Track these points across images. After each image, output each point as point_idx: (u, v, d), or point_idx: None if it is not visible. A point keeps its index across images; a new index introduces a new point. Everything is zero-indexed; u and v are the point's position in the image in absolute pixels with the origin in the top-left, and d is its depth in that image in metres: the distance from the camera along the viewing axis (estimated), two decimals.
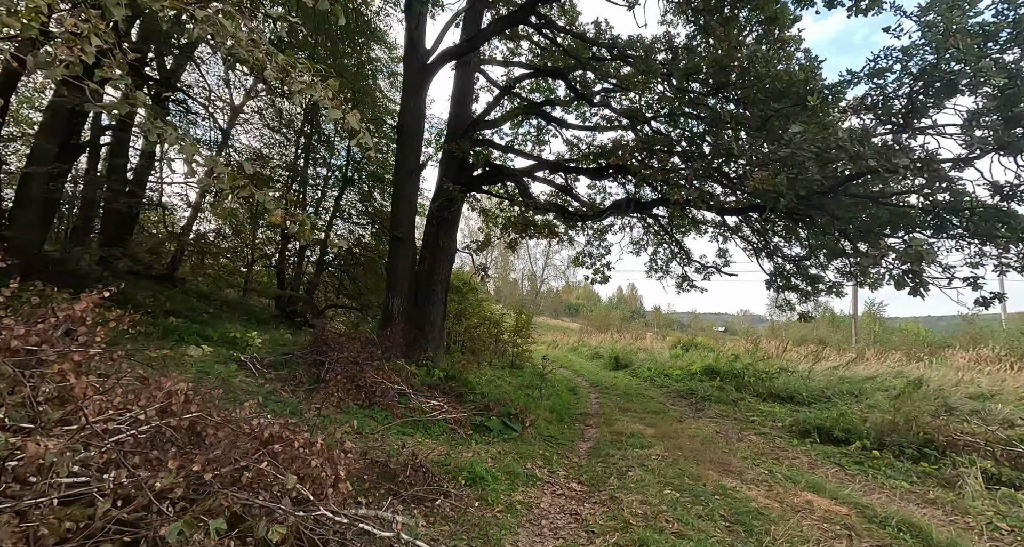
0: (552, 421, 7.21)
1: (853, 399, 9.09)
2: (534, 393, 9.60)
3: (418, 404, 6.44)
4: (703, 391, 10.03)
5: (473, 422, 6.36)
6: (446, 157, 10.16)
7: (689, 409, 8.92)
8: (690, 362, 14.53)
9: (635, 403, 9.20)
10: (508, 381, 10.86)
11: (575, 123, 12.20)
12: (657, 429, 6.83)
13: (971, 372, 13.45)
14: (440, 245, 9.83)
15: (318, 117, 16.12)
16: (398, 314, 9.14)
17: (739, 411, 8.56)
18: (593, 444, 6.17)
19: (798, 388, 9.77)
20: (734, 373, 11.60)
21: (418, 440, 5.36)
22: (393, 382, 6.74)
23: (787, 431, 7.01)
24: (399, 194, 9.32)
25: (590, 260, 15.78)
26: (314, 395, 6.02)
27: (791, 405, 9.12)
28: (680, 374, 12.72)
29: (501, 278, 56.59)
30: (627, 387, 11.49)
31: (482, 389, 8.78)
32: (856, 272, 9.15)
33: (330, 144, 16.66)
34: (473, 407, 7.27)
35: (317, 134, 16.46)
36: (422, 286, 9.79)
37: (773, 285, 11.11)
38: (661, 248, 15.35)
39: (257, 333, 8.04)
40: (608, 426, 7.03)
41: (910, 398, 8.47)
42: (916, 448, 5.56)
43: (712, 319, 70.90)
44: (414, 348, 9.25)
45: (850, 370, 11.96)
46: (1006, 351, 18.26)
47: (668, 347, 19.64)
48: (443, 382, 8.32)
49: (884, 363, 14.32)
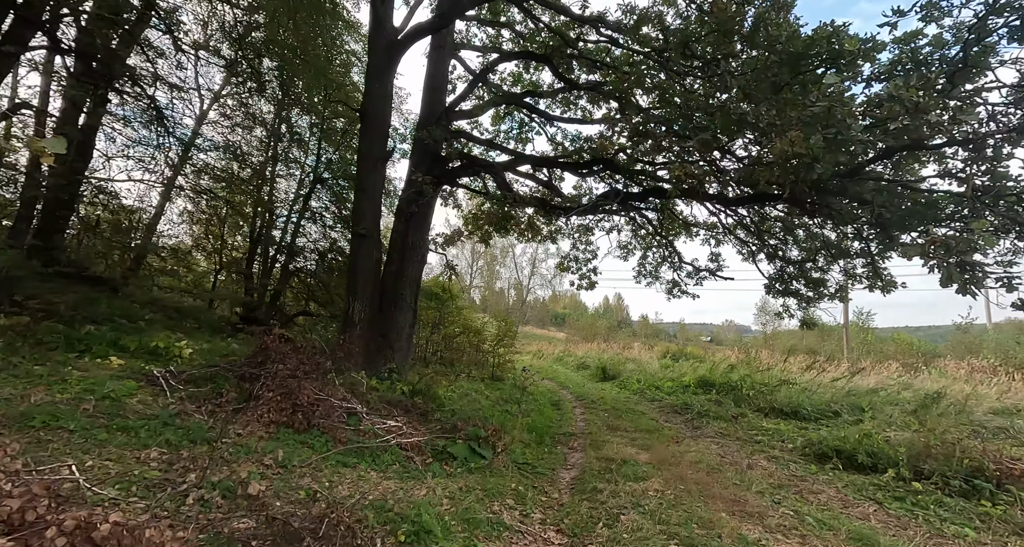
0: (530, 444, 6.14)
1: (864, 414, 8.17)
2: (513, 409, 8.52)
3: (369, 426, 5.33)
4: (699, 406, 9.04)
5: (435, 447, 5.27)
6: (417, 147, 9.16)
7: (685, 427, 7.92)
8: (681, 373, 13.57)
9: (625, 420, 8.17)
10: (486, 395, 9.77)
11: (560, 116, 11.34)
12: (652, 454, 5.80)
13: (971, 383, 12.72)
14: (409, 244, 8.78)
15: (289, 113, 15.09)
16: (359, 321, 8.04)
17: (741, 429, 7.58)
18: (578, 473, 5.11)
19: (801, 402, 8.84)
20: (731, 386, 10.65)
21: (360, 474, 4.26)
22: (342, 399, 5.63)
23: (800, 454, 6.04)
24: (362, 186, 8.27)
25: (575, 265, 14.85)
26: (239, 416, 4.89)
27: (796, 421, 8.17)
28: (672, 386, 11.74)
29: (487, 287, 55.55)
30: (616, 401, 10.47)
31: (453, 405, 7.70)
32: (866, 274, 8.32)
33: (303, 142, 15.61)
34: (439, 428, 6.18)
35: (289, 132, 15.40)
36: (388, 289, 8.71)
37: (772, 290, 10.25)
38: (650, 252, 14.50)
39: (189, 342, 6.87)
40: (595, 449, 5.98)
41: (929, 414, 7.58)
42: (963, 479, 4.61)
43: (698, 329, 70.52)
44: (377, 359, 8.14)
45: (852, 382, 11.09)
46: (999, 360, 17.68)
47: (657, 357, 18.71)
48: (407, 398, 7.23)
49: (882, 374, 13.52)
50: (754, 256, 11.35)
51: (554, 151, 12.04)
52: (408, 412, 6.43)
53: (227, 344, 8.21)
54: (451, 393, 8.72)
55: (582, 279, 14.61)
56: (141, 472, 3.27)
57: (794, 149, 3.26)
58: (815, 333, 27.13)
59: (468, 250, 51.07)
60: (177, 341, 6.53)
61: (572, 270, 14.92)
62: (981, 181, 4.89)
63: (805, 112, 3.44)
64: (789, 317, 10.53)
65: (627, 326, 59.37)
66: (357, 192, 8.44)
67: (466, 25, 10.99)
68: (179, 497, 3.06)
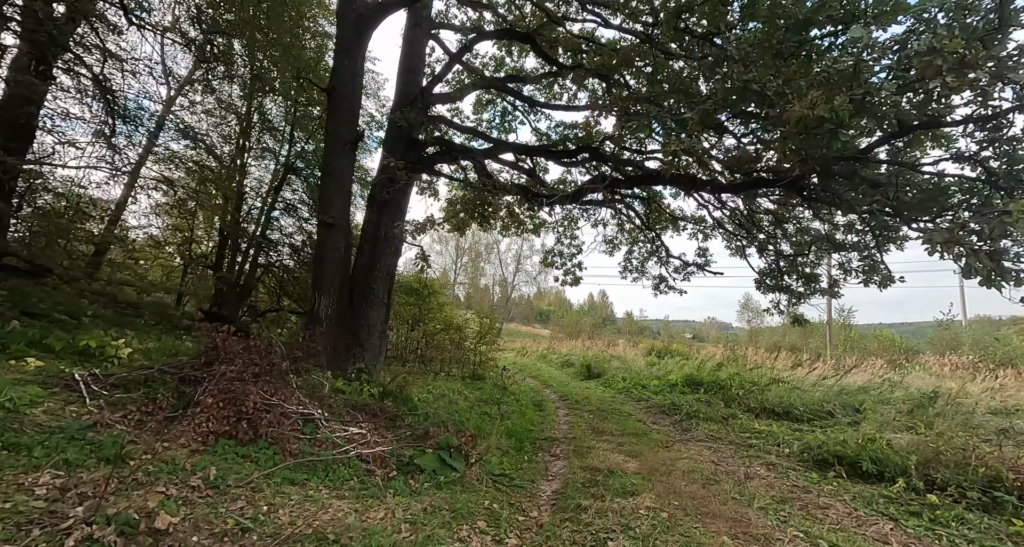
0: (509, 451, 5.58)
1: (859, 415, 7.80)
2: (492, 410, 7.96)
3: (328, 434, 4.70)
4: (687, 406, 8.59)
5: (401, 458, 4.67)
6: (391, 131, 8.51)
7: (675, 429, 7.44)
8: (667, 371, 13.16)
9: (611, 422, 7.66)
10: (464, 396, 9.18)
11: (545, 102, 10.79)
12: (642, 461, 5.28)
13: (955, 380, 12.55)
14: (382, 234, 8.14)
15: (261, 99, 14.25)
16: (326, 317, 7.38)
17: (733, 432, 7.12)
18: (560, 486, 4.57)
19: (793, 402, 8.44)
20: (719, 384, 10.24)
21: (309, 493, 3.65)
22: (298, 404, 4.99)
23: (799, 460, 5.58)
24: (329, 171, 7.59)
25: (560, 260, 14.32)
26: (172, 427, 4.24)
27: (789, 422, 7.76)
28: (659, 385, 11.29)
29: (471, 284, 54.89)
30: (601, 401, 9.97)
31: (428, 408, 7.09)
32: (863, 267, 7.94)
33: (275, 130, 14.78)
34: (409, 434, 5.58)
35: (261, 119, 14.56)
36: (359, 283, 8.06)
37: (762, 285, 9.85)
38: (637, 247, 14.06)
39: (132, 341, 6.15)
40: (580, 457, 5.44)
41: (926, 414, 7.23)
42: (981, 490, 4.19)
43: (681, 326, 70.89)
44: (345, 358, 7.50)
45: (840, 379, 10.77)
46: (979, 357, 17.70)
47: (642, 354, 18.32)
48: (377, 401, 6.61)
49: (868, 371, 13.28)
50: (743, 251, 10.96)
51: (538, 142, 11.51)
52: (375, 417, 5.81)
53: (180, 343, 7.48)
54: (427, 394, 8.11)
55: (567, 274, 14.10)
56: (17, 504, 2.62)
57: (815, 112, 2.76)
58: (798, 330, 27.14)
59: (452, 247, 50.35)
60: (115, 339, 5.79)
61: (557, 265, 14.40)
62: (997, 165, 4.47)
63: (832, 66, 2.93)
64: (779, 313, 10.16)
65: (612, 323, 59.27)
66: (324, 178, 7.75)
67: (445, 4, 10.35)
68: (60, 536, 2.43)
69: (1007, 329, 24.69)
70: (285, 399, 4.84)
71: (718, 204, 10.84)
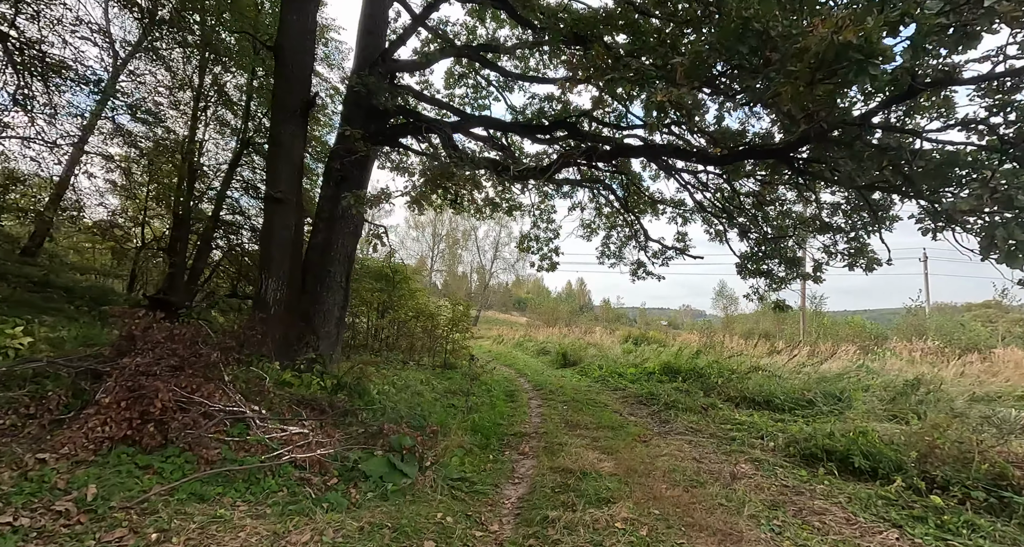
0: (473, 449, 4.99)
1: (840, 404, 7.48)
2: (460, 403, 7.37)
3: (260, 436, 4.02)
4: (665, 395, 8.15)
5: (345, 462, 4.03)
6: (350, 98, 7.69)
7: (652, 420, 6.98)
8: (644, 358, 12.78)
9: (586, 414, 7.15)
10: (432, 386, 8.57)
11: (520, 74, 10.07)
12: (618, 460, 4.76)
13: (926, 365, 12.52)
14: (339, 212, 7.35)
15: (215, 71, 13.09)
16: (274, 302, 6.62)
17: (713, 423, 6.69)
18: (527, 491, 4.00)
19: (773, 391, 8.08)
20: (697, 372, 9.86)
21: (219, 511, 2.98)
22: (227, 402, 4.28)
23: (786, 455, 5.15)
24: (277, 139, 6.75)
25: (536, 245, 13.74)
26: (59, 432, 3.50)
27: (771, 412, 7.38)
28: (636, 373, 10.88)
29: (449, 271, 54.02)
30: (576, 390, 9.48)
31: (388, 402, 6.45)
32: (848, 250, 7.55)
33: (231, 103, 13.64)
34: (362, 432, 4.95)
35: (217, 91, 13.39)
36: (313, 265, 7.31)
37: (743, 270, 9.44)
38: (615, 231, 13.57)
39: (30, 328, 5.30)
40: (551, 456, 4.89)
41: (909, 402, 6.93)
42: (985, 489, 3.79)
43: (657, 314, 71.56)
44: (298, 347, 6.77)
45: (819, 367, 10.54)
46: (944, 342, 17.92)
47: (619, 342, 17.99)
48: (329, 394, 5.93)
49: (842, 358, 13.14)
50: (724, 235, 10.54)
51: (513, 119, 10.83)
52: (324, 413, 5.14)
53: (105, 332, 6.61)
54: (389, 386, 7.46)
55: (543, 259, 13.52)
56: None
57: (842, 37, 2.20)
58: (772, 317, 27.29)
59: (429, 233, 49.31)
60: (14, 326, 4.94)
61: (533, 250, 13.80)
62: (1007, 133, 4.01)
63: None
64: (759, 299, 9.80)
65: (589, 310, 59.30)
66: (271, 147, 6.90)
67: None
68: None
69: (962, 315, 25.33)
70: (209, 396, 4.12)
71: (699, 185, 10.37)
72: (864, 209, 6.29)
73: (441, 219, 48.56)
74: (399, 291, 14.11)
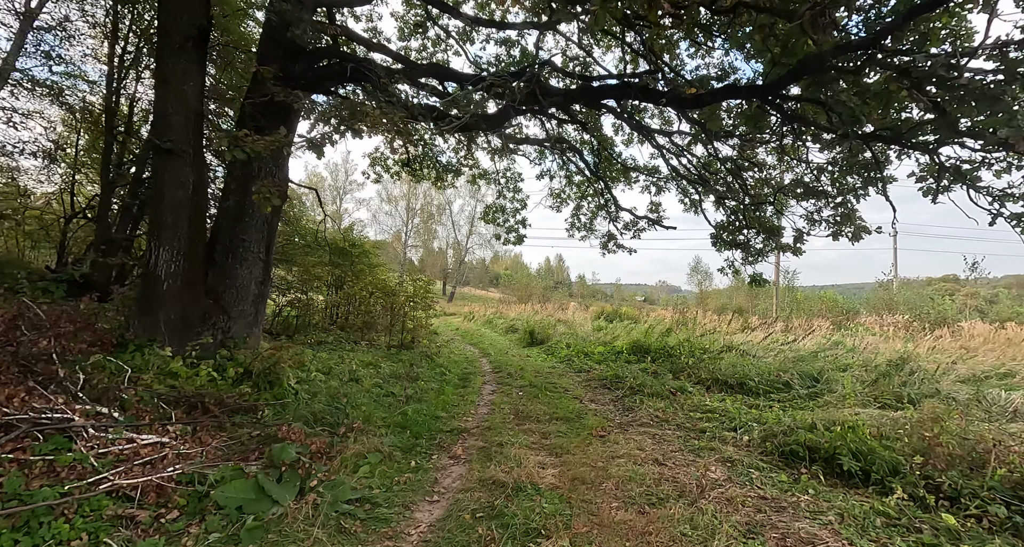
0: (392, 454, 4.06)
1: (817, 385, 6.82)
2: (400, 390, 6.44)
3: (82, 454, 2.99)
4: (632, 378, 7.37)
5: (199, 487, 3.05)
6: (266, 32, 6.41)
7: (615, 408, 6.18)
8: (614, 336, 12.05)
9: (542, 402, 6.31)
10: (377, 371, 7.60)
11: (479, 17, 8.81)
12: (566, 465, 3.91)
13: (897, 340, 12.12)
14: (255, 170, 6.18)
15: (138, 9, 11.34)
16: (168, 275, 5.47)
17: (682, 411, 5.93)
18: (442, 514, 3.11)
19: (747, 372, 7.37)
20: (667, 351, 9.12)
21: None
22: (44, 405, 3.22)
23: (762, 451, 4.39)
24: (164, 76, 5.46)
25: (502, 216, 12.75)
26: None
27: (744, 396, 6.67)
28: (604, 352, 10.12)
29: (424, 247, 52.60)
30: (537, 373, 8.65)
31: (310, 391, 5.48)
32: (834, 218, 6.74)
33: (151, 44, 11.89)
34: (257, 436, 3.96)
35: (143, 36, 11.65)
36: (224, 233, 6.16)
37: (719, 241, 8.62)
38: (585, 201, 12.61)
39: None
40: (485, 461, 4.00)
41: (891, 383, 6.27)
42: (1005, 501, 3.05)
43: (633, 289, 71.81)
44: (202, 329, 5.69)
45: (795, 344, 9.93)
46: (913, 316, 17.74)
47: (591, 318, 17.28)
48: (230, 386, 4.91)
49: (816, 333, 12.64)
50: (699, 205, 9.69)
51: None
52: (207, 412, 4.12)
53: None
54: (320, 372, 6.47)
55: (509, 232, 12.54)
56: None
57: None
58: (745, 292, 27.04)
59: (403, 207, 47.62)
60: None
61: (499, 222, 12.80)
62: None
63: None
64: (733, 273, 9.02)
65: (565, 286, 58.89)
66: (157, 86, 5.62)
67: None
68: None
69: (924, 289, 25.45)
70: (9, 399, 3.05)
71: (675, 149, 9.42)
72: (855, 170, 5.42)
73: (415, 192, 46.87)
74: (357, 266, 12.96)
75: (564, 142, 9.59)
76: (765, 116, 5.77)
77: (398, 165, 12.75)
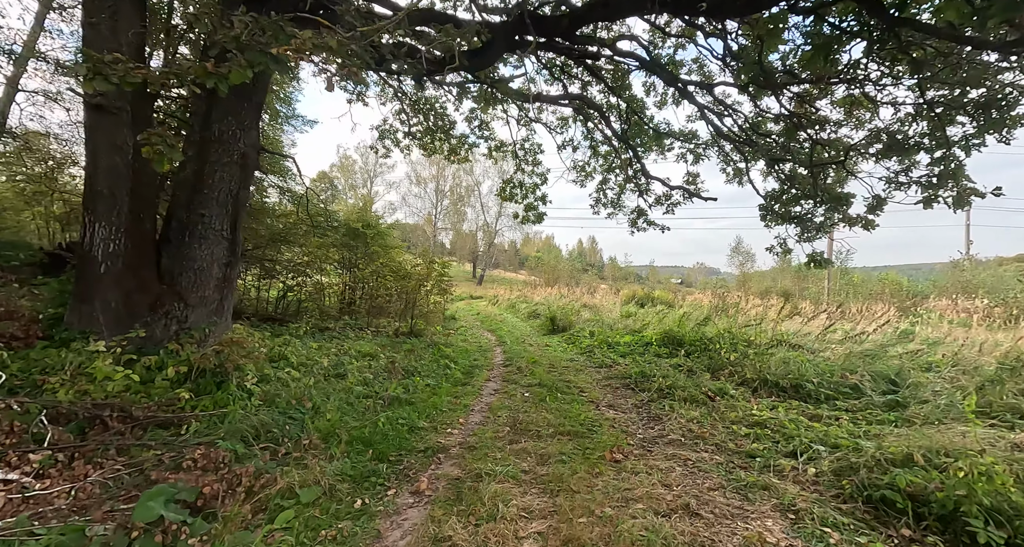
0: (332, 488, 3.09)
1: (899, 391, 5.42)
2: (385, 389, 5.50)
3: None
4: (661, 376, 6.18)
5: None
6: None
7: (638, 418, 5.03)
8: (644, 324, 10.76)
9: (550, 406, 5.23)
10: (373, 362, 6.72)
11: None
12: (560, 514, 2.82)
13: (983, 329, 10.29)
14: (215, 134, 5.27)
15: None
16: (106, 256, 4.67)
17: (722, 423, 4.71)
18: None
19: (804, 371, 6.04)
20: (704, 344, 7.82)
21: None
22: None
23: (838, 496, 3.16)
24: (88, 8, 4.55)
25: (520, 191, 11.58)
26: None
27: (801, 404, 5.36)
28: (630, 343, 8.90)
29: (454, 229, 51.96)
30: (553, 367, 7.56)
31: (272, 392, 4.61)
32: (929, 179, 5.21)
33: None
34: (173, 458, 3.09)
35: None
36: (179, 206, 5.30)
37: (769, 213, 7.18)
38: (612, 174, 11.27)
39: None
40: (449, 507, 2.96)
41: (1003, 390, 4.83)
42: None
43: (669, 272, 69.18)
44: (152, 318, 4.88)
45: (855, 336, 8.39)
46: (997, 301, 15.47)
47: (621, 302, 15.96)
48: (165, 390, 4.07)
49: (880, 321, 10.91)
50: (744, 173, 8.21)
51: None
52: (108, 429, 3.27)
53: None
54: (293, 367, 5.62)
55: (529, 210, 11.38)
56: None
57: None
58: (791, 274, 24.82)
59: (432, 189, 46.89)
60: None
61: (516, 199, 11.63)
62: None
63: None
64: (784, 253, 7.56)
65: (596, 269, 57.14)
66: (84, 28, 4.71)
67: None
68: None
69: (996, 269, 22.44)
70: None
71: (719, 106, 7.95)
72: (977, 108, 3.92)
73: (444, 174, 46.01)
74: (371, 247, 12.15)
75: (586, 100, 8.26)
76: (841, 42, 4.31)
77: (408, 137, 11.77)
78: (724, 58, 7.07)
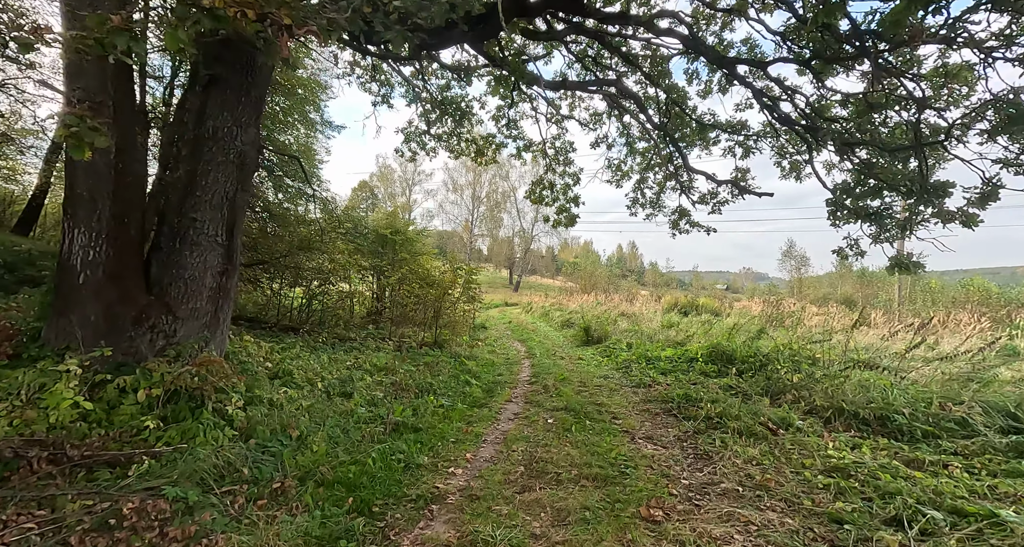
0: None
1: (1020, 426, 4.26)
2: (388, 413, 4.87)
3: None
4: (710, 401, 5.24)
5: None
6: None
7: (682, 454, 4.14)
8: (688, 335, 9.72)
9: (576, 439, 4.43)
10: (380, 381, 6.15)
11: None
12: None
13: None
14: (209, 131, 4.86)
15: None
16: (85, 264, 4.29)
17: (790, 467, 3.76)
18: None
19: (889, 398, 4.94)
20: (759, 361, 6.77)
21: None
22: None
23: None
24: None
25: (551, 193, 10.87)
26: None
27: (889, 440, 4.30)
28: (673, 357, 7.93)
29: (491, 236, 51.72)
30: (584, 385, 6.73)
31: (256, 418, 4.07)
32: None
33: None
34: (106, 509, 2.55)
35: None
36: (170, 211, 4.90)
37: (839, 209, 6.11)
38: (651, 173, 10.38)
39: None
40: None
41: None
42: None
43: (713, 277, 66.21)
44: (136, 332, 4.47)
45: (953, 357, 7.06)
46: None
47: (662, 310, 14.85)
48: (131, 417, 3.59)
49: (969, 336, 9.39)
50: (806, 165, 7.17)
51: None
52: (34, 472, 2.76)
53: None
54: (291, 387, 5.10)
55: (560, 212, 10.61)
56: None
57: None
58: (852, 280, 22.63)
59: (468, 196, 46.86)
60: None
61: (547, 201, 10.90)
62: None
63: None
64: (856, 256, 6.42)
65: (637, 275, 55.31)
66: (63, 18, 4.39)
67: None
68: None
69: None
70: None
71: (775, 88, 6.97)
72: None
73: (480, 181, 45.92)
74: (399, 254, 11.79)
75: (620, 88, 7.46)
76: None
77: (434, 140, 11.32)
78: (782, 33, 6.12)
